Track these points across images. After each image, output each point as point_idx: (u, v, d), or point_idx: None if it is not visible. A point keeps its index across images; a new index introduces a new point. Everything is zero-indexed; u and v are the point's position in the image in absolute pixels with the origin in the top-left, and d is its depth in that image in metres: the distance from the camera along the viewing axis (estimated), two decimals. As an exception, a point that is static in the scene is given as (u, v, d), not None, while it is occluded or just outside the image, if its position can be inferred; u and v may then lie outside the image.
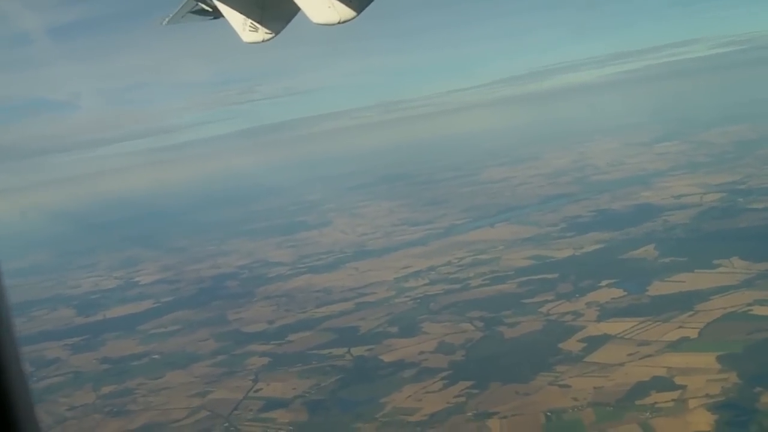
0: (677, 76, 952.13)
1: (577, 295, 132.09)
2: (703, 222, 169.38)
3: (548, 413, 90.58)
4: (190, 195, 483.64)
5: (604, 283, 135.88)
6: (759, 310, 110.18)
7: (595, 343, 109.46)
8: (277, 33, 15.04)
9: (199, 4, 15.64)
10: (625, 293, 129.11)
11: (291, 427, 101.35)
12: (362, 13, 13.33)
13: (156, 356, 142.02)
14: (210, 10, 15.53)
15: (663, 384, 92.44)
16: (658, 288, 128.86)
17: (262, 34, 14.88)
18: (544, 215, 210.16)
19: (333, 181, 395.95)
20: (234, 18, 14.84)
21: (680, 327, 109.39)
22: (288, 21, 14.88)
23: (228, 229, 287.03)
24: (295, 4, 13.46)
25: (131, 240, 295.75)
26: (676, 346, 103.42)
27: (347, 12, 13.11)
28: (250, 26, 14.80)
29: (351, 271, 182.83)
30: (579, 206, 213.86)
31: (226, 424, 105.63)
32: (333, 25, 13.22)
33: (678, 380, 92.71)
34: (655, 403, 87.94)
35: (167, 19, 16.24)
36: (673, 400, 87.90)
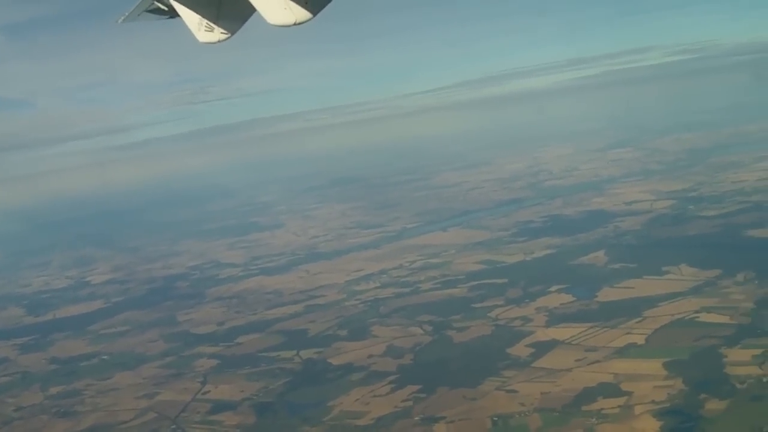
0: (631, 84, 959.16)
1: (526, 300, 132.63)
2: (653, 229, 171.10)
3: (495, 418, 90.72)
4: (142, 195, 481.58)
5: (553, 288, 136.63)
6: (706, 317, 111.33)
7: (544, 348, 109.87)
8: (232, 33, 15.09)
9: (155, 3, 15.59)
10: (574, 299, 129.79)
11: (238, 430, 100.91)
12: (318, 15, 13.47)
13: (105, 357, 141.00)
14: (166, 9, 15.49)
15: (609, 390, 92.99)
16: (607, 294, 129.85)
17: (217, 34, 14.92)
18: (496, 220, 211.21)
19: (286, 183, 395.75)
20: (190, 18, 14.84)
21: (628, 333, 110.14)
22: (243, 22, 14.95)
23: (180, 230, 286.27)
24: (250, 5, 13.54)
25: (84, 239, 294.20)
26: (624, 352, 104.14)
27: (303, 14, 13.22)
28: (205, 26, 14.83)
29: (302, 273, 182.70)
30: (531, 211, 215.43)
31: (174, 427, 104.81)
32: (289, 26, 13.32)
33: (624, 386, 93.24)
34: (602, 409, 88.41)
35: (122, 18, 16.19)
36: (619, 406, 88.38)
